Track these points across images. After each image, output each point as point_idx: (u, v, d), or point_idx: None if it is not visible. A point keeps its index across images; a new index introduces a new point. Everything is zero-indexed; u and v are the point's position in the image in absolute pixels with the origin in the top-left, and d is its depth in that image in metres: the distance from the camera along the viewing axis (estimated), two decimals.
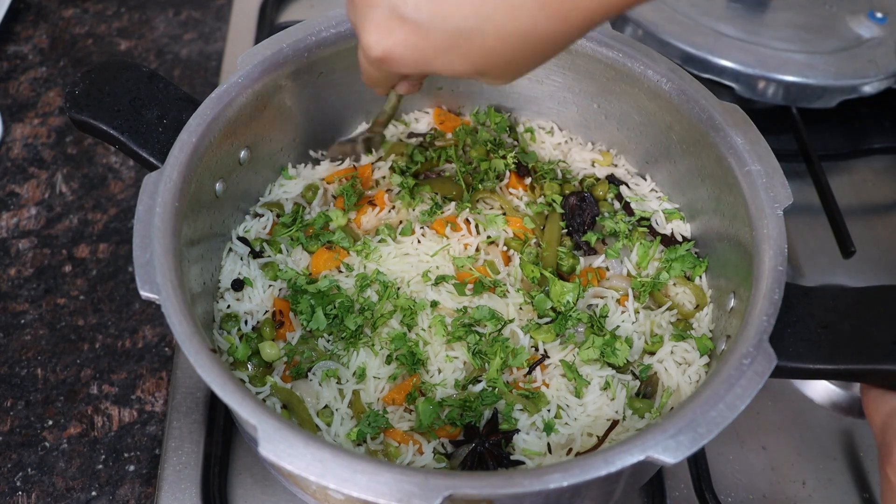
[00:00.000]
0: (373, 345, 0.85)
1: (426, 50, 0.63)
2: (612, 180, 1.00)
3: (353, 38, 0.93)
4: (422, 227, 0.94)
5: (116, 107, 0.85)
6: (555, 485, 0.62)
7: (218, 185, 0.87)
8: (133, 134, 0.83)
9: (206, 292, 0.87)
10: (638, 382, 0.85)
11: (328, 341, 0.87)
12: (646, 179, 1.00)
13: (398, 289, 0.89)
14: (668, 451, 0.64)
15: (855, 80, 1.17)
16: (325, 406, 0.83)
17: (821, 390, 0.99)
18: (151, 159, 0.82)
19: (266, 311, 0.89)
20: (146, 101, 0.86)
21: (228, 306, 0.89)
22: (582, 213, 0.96)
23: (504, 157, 0.99)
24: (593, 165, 1.02)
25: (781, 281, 0.73)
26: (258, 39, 1.35)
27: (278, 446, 0.63)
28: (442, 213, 0.96)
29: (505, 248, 0.94)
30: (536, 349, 0.86)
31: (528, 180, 0.99)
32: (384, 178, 1.00)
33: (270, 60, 0.88)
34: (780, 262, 0.74)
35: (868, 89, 1.18)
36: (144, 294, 0.71)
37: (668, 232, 0.96)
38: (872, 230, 1.16)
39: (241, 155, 0.90)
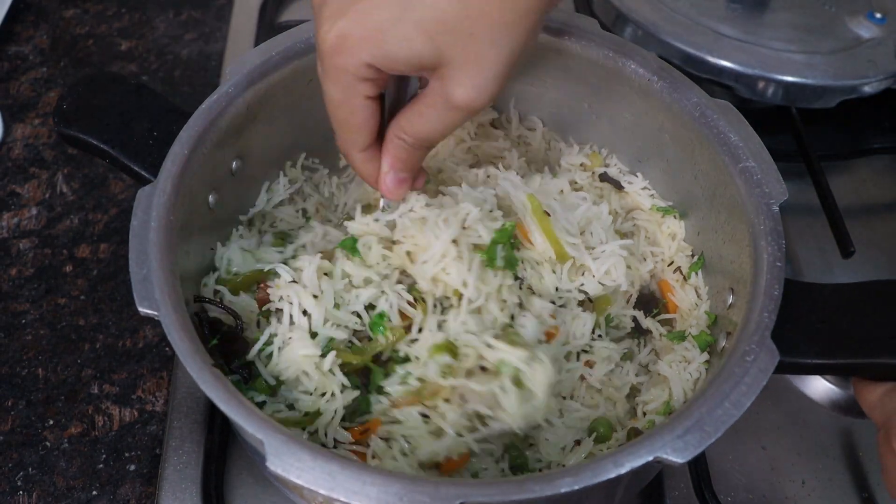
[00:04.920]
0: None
1: (379, 20, 0.62)
2: (606, 178, 0.99)
3: None
4: None
5: (106, 121, 0.84)
6: (566, 489, 0.61)
7: (211, 197, 0.86)
8: (123, 148, 0.83)
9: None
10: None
11: None
12: (638, 177, 0.99)
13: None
14: (677, 452, 0.64)
15: (855, 80, 1.17)
16: None
17: (820, 390, 0.99)
18: (143, 172, 0.82)
19: None
20: (135, 113, 0.85)
21: None
22: None
23: None
24: (582, 167, 1.01)
25: (781, 277, 0.73)
26: (258, 39, 1.35)
27: (286, 460, 0.62)
28: None
29: None
30: None
31: None
32: None
33: (259, 69, 0.87)
34: (779, 257, 0.74)
35: (868, 89, 1.18)
36: (143, 311, 0.69)
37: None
38: (872, 230, 1.16)
39: (234, 165, 0.89)
